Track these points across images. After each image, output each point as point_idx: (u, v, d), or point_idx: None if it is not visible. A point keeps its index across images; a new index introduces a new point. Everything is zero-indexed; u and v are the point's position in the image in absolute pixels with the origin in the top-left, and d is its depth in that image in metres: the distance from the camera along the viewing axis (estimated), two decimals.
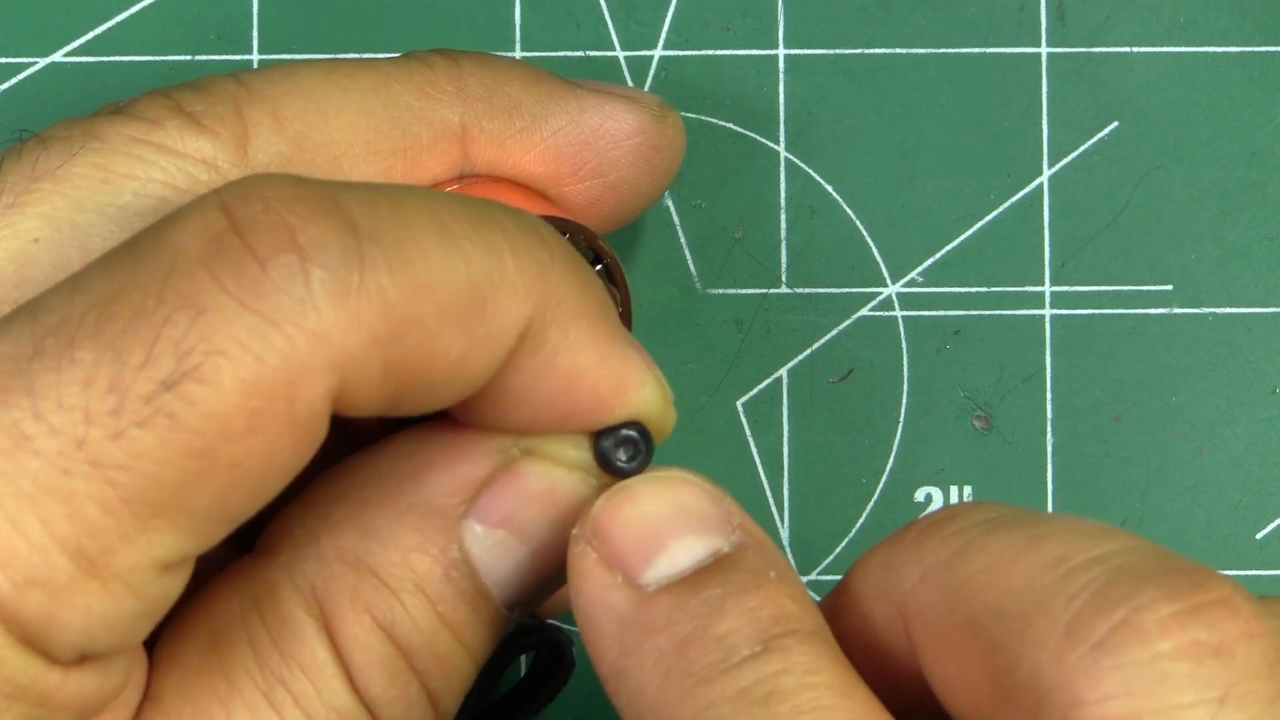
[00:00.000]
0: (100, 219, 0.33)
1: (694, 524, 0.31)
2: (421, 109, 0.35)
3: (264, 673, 0.30)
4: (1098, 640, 0.28)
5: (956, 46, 0.43)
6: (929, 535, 0.31)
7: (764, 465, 0.43)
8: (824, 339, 0.43)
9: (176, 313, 0.27)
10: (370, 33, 0.43)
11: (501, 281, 0.29)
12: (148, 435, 0.27)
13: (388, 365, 0.28)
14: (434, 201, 0.30)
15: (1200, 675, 0.27)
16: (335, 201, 0.29)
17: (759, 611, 0.29)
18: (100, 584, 0.27)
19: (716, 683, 0.29)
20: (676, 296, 0.43)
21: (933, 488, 0.43)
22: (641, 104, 0.37)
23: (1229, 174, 0.43)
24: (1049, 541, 0.29)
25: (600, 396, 0.31)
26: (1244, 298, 0.43)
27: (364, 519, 0.31)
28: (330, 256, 0.28)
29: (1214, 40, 0.43)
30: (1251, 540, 0.43)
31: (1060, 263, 0.43)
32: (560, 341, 0.30)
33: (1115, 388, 0.43)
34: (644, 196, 0.38)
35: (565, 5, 0.43)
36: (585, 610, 0.30)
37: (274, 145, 0.34)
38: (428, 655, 0.31)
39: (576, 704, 0.42)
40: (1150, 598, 0.28)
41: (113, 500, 0.27)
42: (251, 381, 0.27)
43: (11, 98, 0.43)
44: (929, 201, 0.43)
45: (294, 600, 0.31)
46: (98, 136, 0.33)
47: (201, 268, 0.28)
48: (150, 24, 0.43)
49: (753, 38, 0.43)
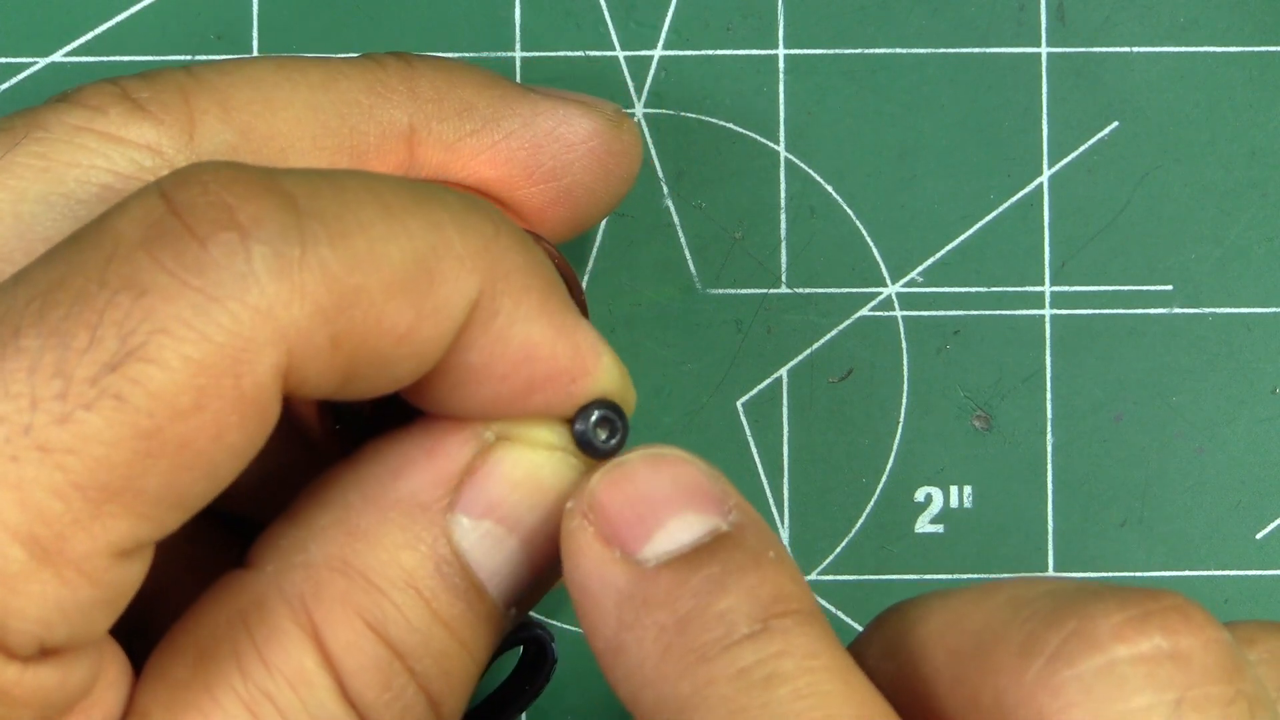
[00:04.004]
0: (43, 208, 0.33)
1: (693, 501, 0.31)
2: (370, 107, 0.35)
3: (248, 686, 0.30)
4: (1053, 652, 0.28)
5: (956, 46, 0.43)
6: (888, 614, 0.31)
7: (764, 465, 0.43)
8: (824, 339, 0.43)
9: (118, 295, 0.27)
10: (370, 33, 0.43)
11: (446, 253, 0.29)
12: (95, 418, 0.27)
13: (335, 339, 0.28)
14: (374, 179, 0.30)
15: (1157, 678, 0.28)
16: (274, 181, 0.29)
17: (759, 590, 0.30)
18: (54, 572, 0.27)
19: (717, 660, 0.29)
20: (676, 296, 0.43)
21: (933, 488, 0.43)
22: (596, 109, 0.37)
23: (1229, 174, 0.43)
24: (1003, 588, 0.30)
25: (560, 367, 0.31)
26: (1244, 298, 0.43)
27: (348, 523, 0.31)
28: (270, 231, 0.28)
29: (1214, 40, 0.43)
30: (1251, 540, 0.43)
31: (1060, 263, 0.43)
32: (513, 313, 0.30)
33: (1115, 388, 0.43)
34: (600, 202, 0.38)
35: (565, 5, 0.43)
36: (581, 584, 0.30)
37: (220, 134, 0.34)
38: (424, 655, 0.31)
39: (576, 704, 0.42)
40: (1101, 608, 0.28)
41: (63, 485, 0.27)
42: (197, 359, 0.27)
43: (11, 98, 0.43)
44: (929, 201, 0.43)
45: (281, 611, 0.31)
46: (41, 126, 0.33)
47: (142, 250, 0.28)
48: (150, 24, 0.43)
49: (753, 38, 0.43)
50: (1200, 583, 0.43)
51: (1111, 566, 0.43)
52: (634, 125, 0.38)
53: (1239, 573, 0.43)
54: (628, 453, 0.31)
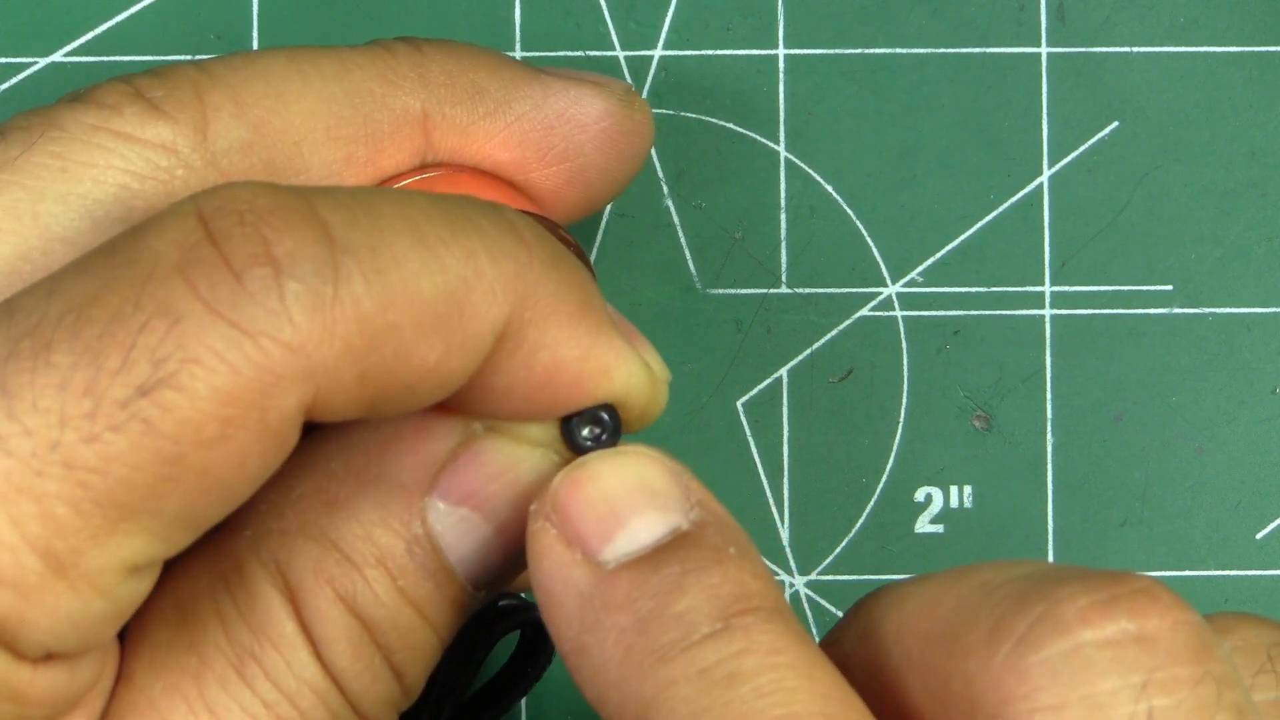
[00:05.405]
0: (61, 208, 0.33)
1: (654, 500, 0.30)
2: (383, 95, 0.35)
3: (234, 647, 0.30)
4: (1020, 637, 0.28)
5: (956, 46, 0.43)
6: (864, 600, 0.31)
7: (764, 465, 0.43)
8: (824, 339, 0.43)
9: (153, 319, 0.27)
10: (370, 33, 0.43)
11: (478, 285, 0.29)
12: (121, 440, 0.27)
13: (363, 374, 0.29)
14: (410, 206, 0.30)
15: (1123, 661, 0.28)
16: (311, 211, 0.29)
17: (719, 589, 0.29)
18: (68, 585, 0.28)
19: (677, 661, 0.29)
20: (676, 296, 0.43)
21: (933, 488, 0.43)
22: (607, 89, 0.37)
23: (1229, 174, 0.43)
24: (975, 572, 0.30)
25: (581, 386, 0.31)
26: (1244, 298, 0.43)
27: (328, 493, 0.31)
28: (305, 269, 0.28)
29: (1214, 40, 0.43)
30: (1251, 540, 0.43)
31: (1060, 263, 0.43)
32: (539, 340, 0.30)
33: (1115, 388, 0.43)
34: (612, 182, 0.37)
35: (565, 5, 0.43)
36: (545, 587, 0.30)
37: (234, 130, 0.34)
38: (390, 630, 0.31)
39: (576, 704, 0.42)
40: (1068, 592, 0.28)
41: (84, 502, 0.27)
42: (225, 390, 0.27)
43: (11, 98, 0.43)
44: (929, 201, 0.43)
45: (260, 575, 0.31)
46: (56, 125, 0.33)
47: (178, 275, 0.28)
48: (150, 24, 0.43)
49: (753, 38, 0.43)
50: (1200, 583, 0.43)
51: (1111, 566, 0.43)
52: (645, 103, 0.38)
53: (1239, 573, 0.43)
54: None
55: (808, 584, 0.43)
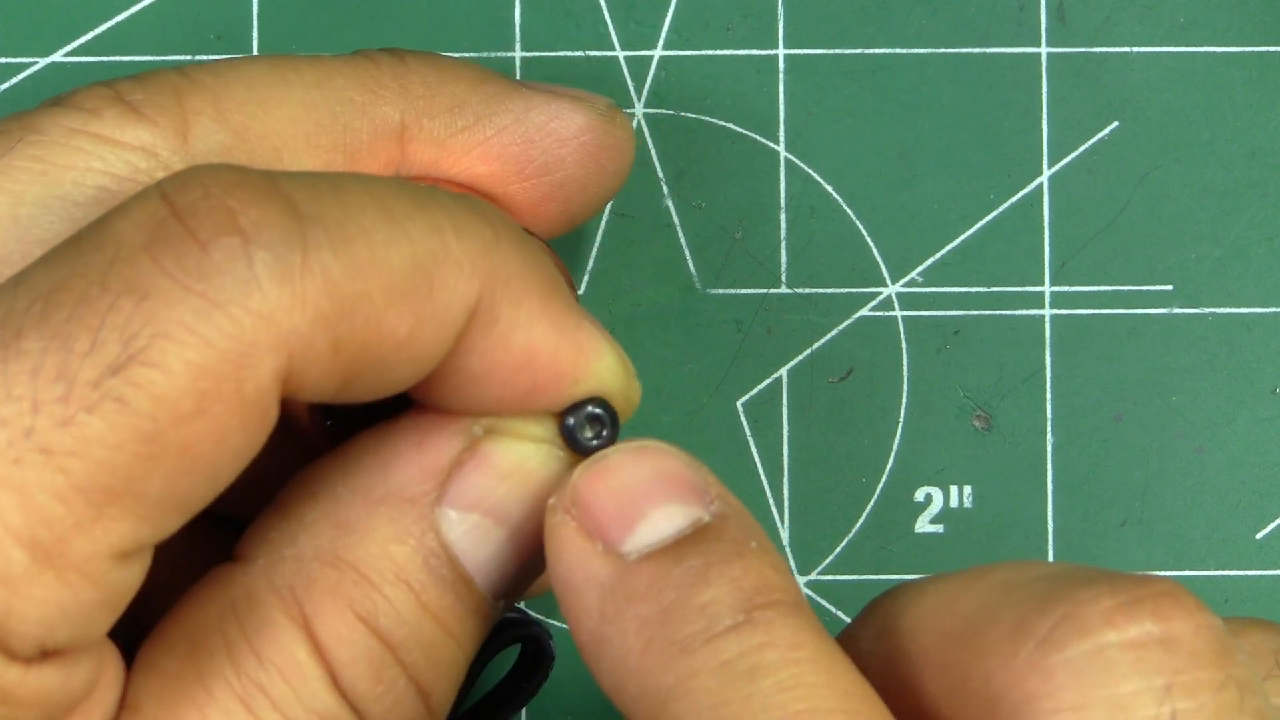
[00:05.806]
0: (40, 211, 0.33)
1: (674, 492, 0.30)
2: (363, 104, 0.35)
3: (241, 678, 0.30)
4: (1043, 636, 0.28)
5: (956, 46, 0.43)
6: (882, 598, 0.31)
7: (764, 465, 0.43)
8: (824, 339, 0.43)
9: (120, 298, 0.27)
10: (370, 33, 0.43)
11: (446, 258, 0.29)
12: (97, 421, 0.27)
13: (336, 344, 0.28)
14: (375, 184, 0.30)
15: (1146, 663, 0.28)
16: (276, 185, 0.29)
17: (741, 581, 0.29)
18: (56, 574, 0.27)
19: (699, 652, 0.29)
20: (676, 296, 0.43)
21: (933, 488, 0.43)
22: (588, 104, 0.37)
23: (1229, 174, 0.43)
24: (995, 571, 0.30)
25: (560, 370, 0.31)
26: (1244, 298, 0.43)
27: (338, 515, 0.31)
28: (272, 236, 0.28)
29: (1214, 40, 0.43)
30: (1251, 540, 0.43)
31: (1060, 263, 0.43)
32: (513, 318, 0.30)
33: (1115, 388, 0.43)
34: (592, 197, 0.38)
35: (565, 5, 0.43)
36: (564, 579, 0.30)
37: (214, 134, 0.34)
38: (414, 647, 0.31)
39: (575, 704, 0.42)
40: (1092, 593, 0.28)
41: (65, 488, 0.27)
42: (198, 363, 0.27)
43: (11, 98, 0.43)
44: (929, 201, 0.43)
45: (272, 603, 0.31)
46: (36, 129, 0.33)
47: (144, 253, 0.28)
48: (150, 24, 0.43)
49: (753, 38, 0.43)
50: (1200, 583, 0.43)
51: (1111, 566, 0.43)
52: (626, 120, 0.38)
53: (1239, 573, 0.43)
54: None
55: (808, 584, 0.43)
